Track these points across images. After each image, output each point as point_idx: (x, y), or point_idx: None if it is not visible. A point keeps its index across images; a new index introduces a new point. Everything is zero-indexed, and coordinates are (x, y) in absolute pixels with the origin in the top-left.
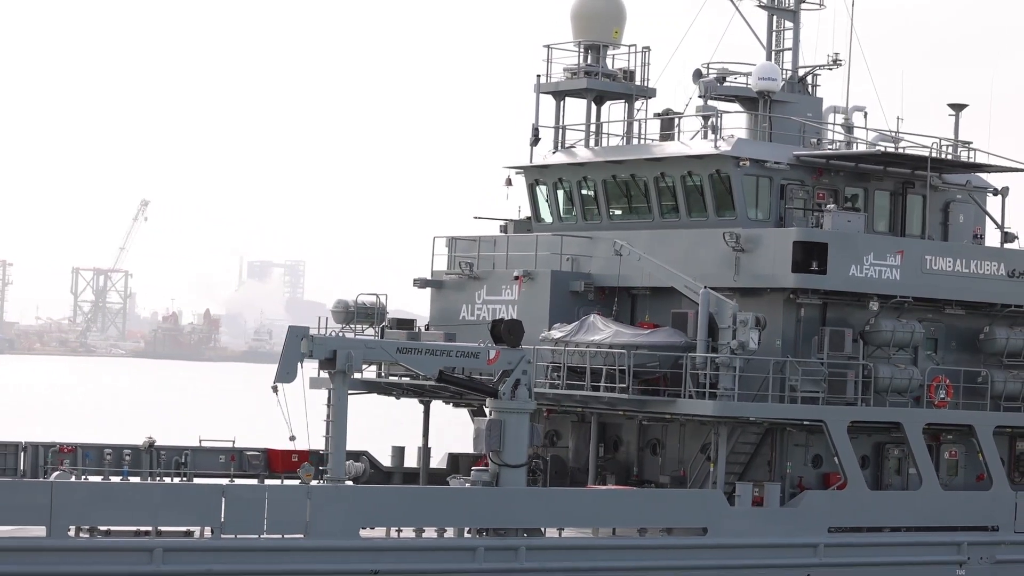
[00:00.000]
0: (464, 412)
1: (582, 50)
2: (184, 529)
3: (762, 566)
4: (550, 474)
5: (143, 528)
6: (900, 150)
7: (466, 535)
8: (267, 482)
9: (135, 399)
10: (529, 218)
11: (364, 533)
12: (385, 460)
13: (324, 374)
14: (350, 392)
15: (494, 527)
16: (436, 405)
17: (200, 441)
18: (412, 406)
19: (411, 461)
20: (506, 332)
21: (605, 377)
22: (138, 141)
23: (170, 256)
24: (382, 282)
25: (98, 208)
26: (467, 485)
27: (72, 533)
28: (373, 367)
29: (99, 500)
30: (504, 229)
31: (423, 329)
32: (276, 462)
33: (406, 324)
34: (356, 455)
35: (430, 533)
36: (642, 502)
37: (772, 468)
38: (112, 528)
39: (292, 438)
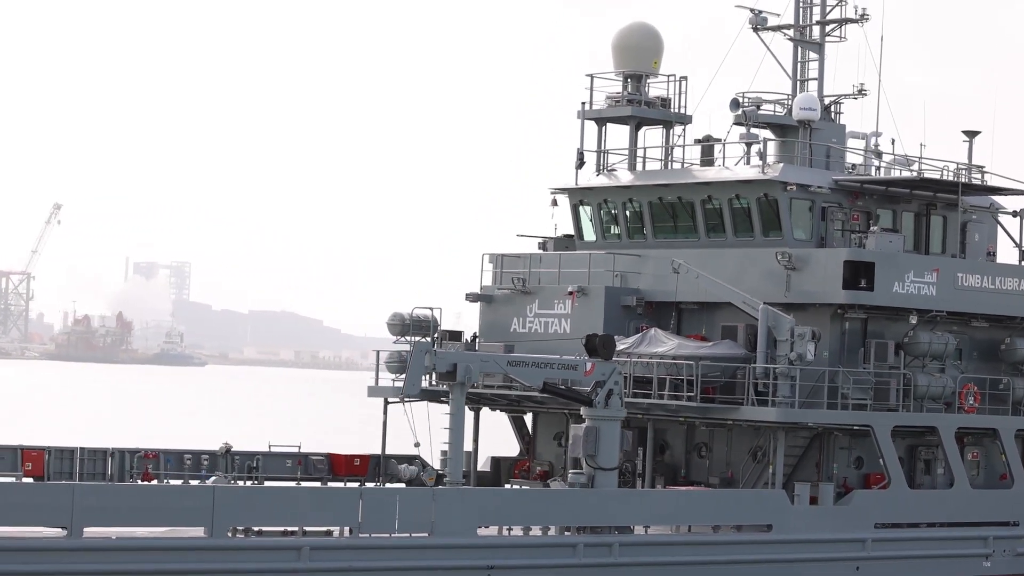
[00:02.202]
0: (505, 418)
1: (623, 79)
2: (325, 529)
3: (819, 559)
4: None
5: (289, 528)
6: (919, 174)
7: (563, 533)
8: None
9: (104, 403)
10: (568, 236)
11: (480, 532)
12: (435, 464)
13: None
14: (408, 400)
15: (591, 525)
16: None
17: (269, 447)
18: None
19: None
20: (600, 346)
21: (669, 386)
22: (43, 145)
23: (61, 258)
24: (401, 294)
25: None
26: (565, 487)
27: (229, 533)
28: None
29: (253, 503)
30: (543, 246)
31: (469, 340)
32: (339, 466)
33: (455, 336)
34: (409, 459)
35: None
36: (717, 502)
37: (820, 469)
38: (263, 528)
39: (417, 444)
